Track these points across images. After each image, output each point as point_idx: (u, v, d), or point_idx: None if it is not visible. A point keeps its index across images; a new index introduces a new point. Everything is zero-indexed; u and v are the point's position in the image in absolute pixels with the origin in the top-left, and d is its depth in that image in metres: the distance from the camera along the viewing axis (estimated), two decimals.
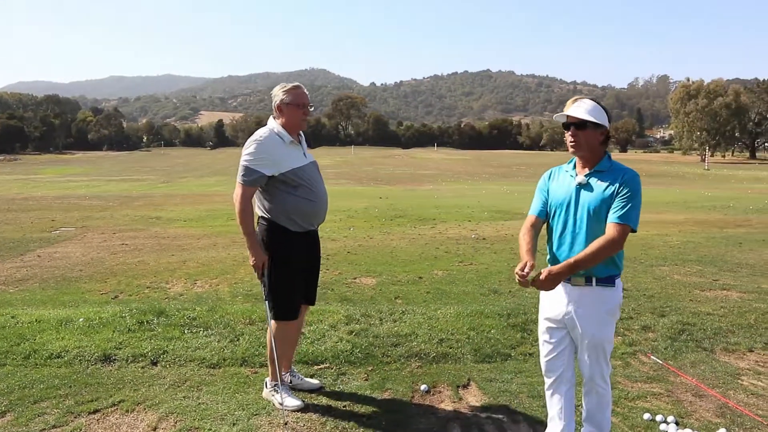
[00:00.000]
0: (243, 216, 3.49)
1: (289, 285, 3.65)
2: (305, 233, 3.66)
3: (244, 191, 3.50)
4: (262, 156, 3.49)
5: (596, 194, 2.78)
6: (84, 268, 8.18)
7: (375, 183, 38.27)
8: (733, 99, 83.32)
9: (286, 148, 3.58)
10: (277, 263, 3.59)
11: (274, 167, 3.51)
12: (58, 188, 30.38)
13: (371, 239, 10.94)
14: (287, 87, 3.64)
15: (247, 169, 3.49)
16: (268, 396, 3.74)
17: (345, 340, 4.74)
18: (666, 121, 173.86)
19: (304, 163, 3.65)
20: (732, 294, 6.50)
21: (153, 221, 14.36)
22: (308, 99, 3.68)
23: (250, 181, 3.49)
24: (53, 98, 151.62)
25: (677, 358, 4.56)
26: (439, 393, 3.93)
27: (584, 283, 2.81)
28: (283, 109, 3.61)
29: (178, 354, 4.45)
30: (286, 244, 3.58)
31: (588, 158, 2.86)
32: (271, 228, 3.59)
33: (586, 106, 2.80)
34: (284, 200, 3.55)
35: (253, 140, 3.54)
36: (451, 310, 5.56)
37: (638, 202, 2.75)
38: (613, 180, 2.77)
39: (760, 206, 18.79)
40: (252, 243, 3.51)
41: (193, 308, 5.61)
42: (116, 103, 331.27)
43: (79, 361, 4.32)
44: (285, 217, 3.57)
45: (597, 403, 2.98)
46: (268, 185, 3.56)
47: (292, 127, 3.64)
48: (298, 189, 3.57)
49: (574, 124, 2.79)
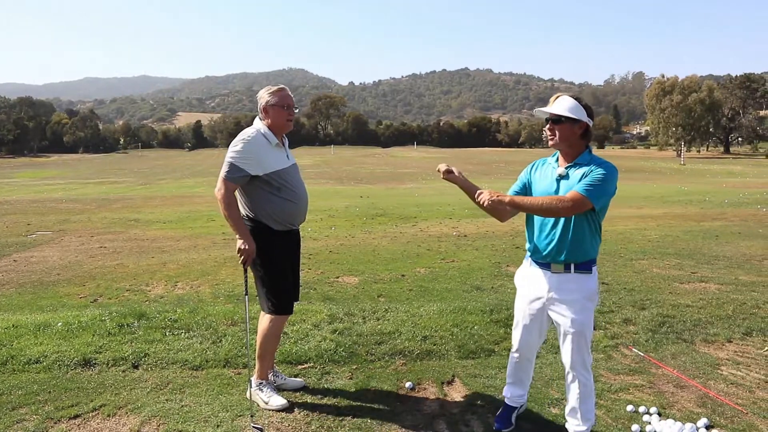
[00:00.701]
0: (229, 207, 3.51)
1: (283, 280, 3.68)
2: (288, 232, 3.71)
3: (227, 186, 3.51)
4: (248, 155, 3.51)
5: (572, 183, 2.92)
6: (62, 271, 8.06)
7: (355, 182, 38.20)
8: (707, 95, 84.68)
9: (272, 150, 3.61)
10: (267, 260, 3.62)
11: (259, 167, 3.53)
12: (33, 192, 29.89)
13: (353, 238, 10.92)
14: (272, 89, 3.67)
15: (233, 166, 3.50)
16: (253, 395, 3.72)
17: (328, 339, 4.72)
18: (642, 118, 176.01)
19: (287, 165, 3.69)
20: (710, 286, 6.60)
21: (132, 224, 14.19)
22: (293, 101, 3.71)
23: (234, 178, 3.51)
24: (27, 100, 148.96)
25: (658, 350, 4.61)
26: (424, 390, 3.92)
27: (563, 270, 2.99)
28: (268, 110, 3.63)
29: (159, 357, 4.39)
30: (272, 241, 3.62)
31: (567, 152, 3.01)
32: (256, 226, 3.61)
33: (564, 102, 2.95)
34: (267, 201, 3.59)
35: (240, 139, 3.56)
36: (434, 307, 5.56)
37: (608, 187, 2.87)
38: (589, 170, 2.93)
39: (735, 200, 19.10)
40: (242, 230, 3.53)
41: (175, 310, 5.55)
42: (92, 104, 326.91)
43: (59, 366, 4.24)
44: (268, 217, 3.61)
45: (581, 393, 3.09)
46: (251, 185, 3.58)
47: (278, 129, 3.67)
48: (281, 190, 3.61)
49: (552, 119, 2.96)
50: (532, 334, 3.22)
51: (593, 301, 3.03)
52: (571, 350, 3.02)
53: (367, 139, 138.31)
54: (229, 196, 3.52)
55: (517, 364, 3.37)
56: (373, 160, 68.60)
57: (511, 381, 3.45)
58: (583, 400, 3.09)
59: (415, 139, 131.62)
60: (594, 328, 5.04)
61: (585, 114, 2.95)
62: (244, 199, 3.64)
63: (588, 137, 3.00)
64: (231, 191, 3.54)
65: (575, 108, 2.93)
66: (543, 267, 3.06)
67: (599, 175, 2.86)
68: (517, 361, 3.36)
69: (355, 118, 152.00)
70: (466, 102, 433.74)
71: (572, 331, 2.99)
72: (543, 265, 3.07)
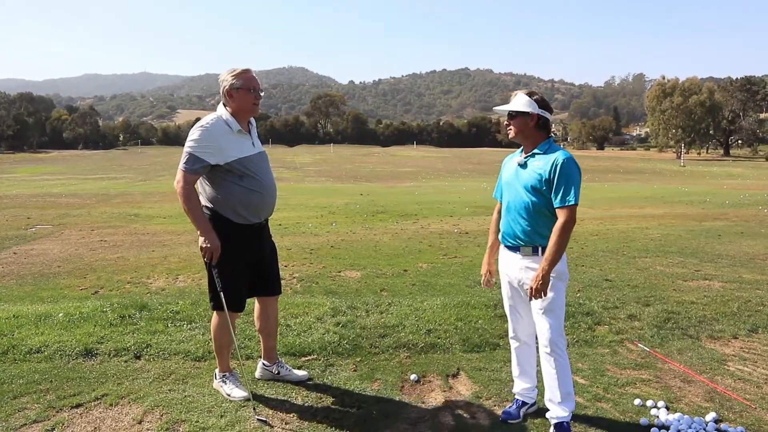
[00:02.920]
0: (189, 202, 3.32)
1: (235, 277, 3.51)
2: (249, 225, 3.51)
3: (186, 178, 3.31)
4: (207, 144, 3.32)
5: (530, 172, 3.17)
6: (62, 264, 8.02)
7: (355, 180, 38.17)
8: (707, 97, 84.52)
9: (233, 137, 3.42)
10: (221, 255, 3.42)
11: (220, 156, 3.34)
12: (33, 187, 29.81)
13: (354, 234, 10.89)
14: (236, 71, 3.43)
15: (191, 157, 3.31)
16: (217, 387, 3.70)
17: (332, 331, 4.69)
18: (642, 119, 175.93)
19: (252, 153, 3.50)
20: (714, 284, 6.57)
21: (132, 218, 14.14)
22: (259, 84, 3.51)
23: (193, 169, 3.32)
24: (26, 96, 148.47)
25: (664, 346, 4.58)
26: (429, 382, 3.89)
27: (532, 253, 3.19)
28: (233, 94, 3.43)
29: (161, 347, 4.36)
30: (227, 235, 3.43)
31: (526, 143, 3.26)
32: (214, 218, 3.43)
33: (518, 99, 3.22)
34: (230, 191, 3.41)
35: (198, 127, 3.37)
36: (438, 302, 5.53)
37: (574, 180, 3.07)
38: (547, 161, 3.12)
39: (735, 201, 19.08)
40: (205, 226, 3.34)
41: (176, 302, 5.51)
42: (92, 101, 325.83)
43: (60, 356, 4.21)
44: (230, 208, 3.43)
45: (558, 371, 3.15)
46: (213, 174, 3.40)
47: (244, 113, 3.48)
48: (243, 179, 3.42)
49: (508, 114, 3.26)
50: (522, 315, 3.38)
51: (563, 280, 3.18)
52: (546, 329, 3.14)
53: (366, 138, 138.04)
54: (189, 189, 3.32)
55: (518, 350, 3.46)
56: (372, 158, 68.52)
57: (517, 374, 3.49)
58: (561, 380, 3.15)
59: (415, 139, 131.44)
60: (599, 323, 5.05)
61: (537, 107, 3.17)
62: (206, 188, 3.46)
63: (546, 128, 3.22)
64: (191, 183, 3.34)
65: (526, 102, 3.17)
66: (513, 251, 3.27)
67: (562, 178, 3.05)
68: (517, 347, 3.46)
69: (355, 117, 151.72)
70: (466, 102, 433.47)
71: (544, 309, 3.14)
72: (513, 248, 3.27)
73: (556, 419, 3.16)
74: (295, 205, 17.35)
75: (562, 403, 3.14)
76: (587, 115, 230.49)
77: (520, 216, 3.18)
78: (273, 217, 3.88)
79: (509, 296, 3.39)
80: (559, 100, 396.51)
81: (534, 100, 3.17)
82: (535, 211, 3.13)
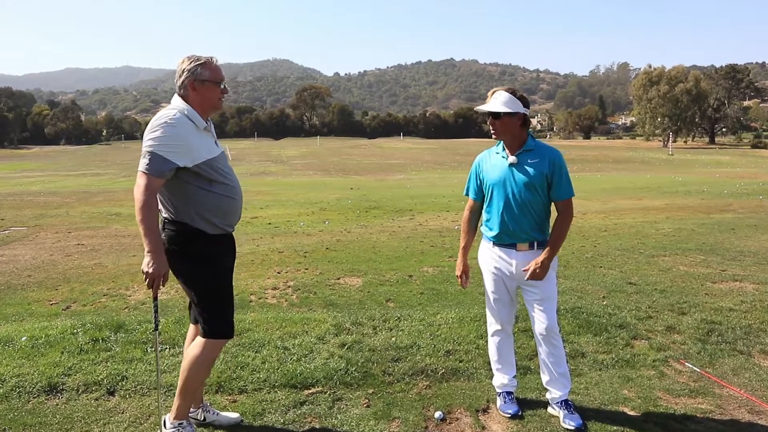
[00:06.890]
0: (147, 211, 2.69)
1: (224, 295, 2.98)
2: (223, 235, 2.97)
3: (149, 182, 2.71)
4: (173, 142, 2.74)
5: (528, 170, 3.19)
6: (33, 273, 7.34)
7: (343, 174, 37.52)
8: (693, 85, 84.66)
9: (200, 135, 2.87)
10: (205, 271, 2.89)
11: (188, 157, 2.78)
12: (10, 185, 28.86)
13: (349, 233, 10.27)
14: (201, 60, 2.89)
15: (156, 157, 2.71)
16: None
17: (337, 355, 4.08)
18: (627, 108, 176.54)
19: (217, 153, 2.94)
20: (746, 286, 6.05)
21: (112, 218, 13.42)
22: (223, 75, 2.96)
23: (159, 171, 2.72)
24: (6, 91, 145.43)
25: (714, 365, 4.03)
26: (456, 420, 3.29)
27: (528, 248, 3.25)
28: (197, 87, 2.87)
29: (139, 380, 3.73)
30: (207, 248, 2.88)
31: (512, 142, 3.25)
32: (184, 232, 2.85)
33: (500, 98, 3.16)
34: (197, 198, 2.83)
35: (161, 123, 2.77)
36: (453, 315, 4.94)
37: (567, 173, 3.23)
38: (542, 158, 3.19)
39: (733, 190, 18.73)
40: (155, 245, 2.72)
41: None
42: (73, 96, 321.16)
43: (18, 394, 3.55)
44: (200, 218, 2.84)
45: (557, 356, 3.28)
46: (175, 180, 2.81)
47: (209, 108, 2.93)
48: (213, 184, 2.87)
49: (491, 114, 3.19)
50: (508, 307, 3.42)
51: (554, 270, 3.28)
52: (545, 318, 3.23)
53: (352, 130, 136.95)
54: (152, 198, 2.71)
55: (501, 341, 3.48)
56: (359, 151, 67.73)
57: (499, 367, 3.50)
58: (560, 363, 3.29)
59: (401, 130, 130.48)
60: (635, 337, 4.50)
61: (521, 105, 3.16)
62: (167, 197, 2.86)
63: (527, 125, 3.24)
64: (155, 190, 2.74)
65: (511, 101, 3.14)
66: (509, 247, 3.28)
67: (559, 173, 3.18)
68: (500, 339, 3.48)
69: (341, 109, 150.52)
70: (451, 93, 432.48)
71: (543, 299, 3.24)
72: (509, 245, 3.28)
73: (561, 398, 3.27)
74: (284, 201, 16.70)
75: (563, 382, 3.29)
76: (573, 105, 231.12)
77: (520, 213, 3.21)
78: (263, 215, 3.27)
79: (493, 290, 3.39)
80: (545, 90, 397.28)
81: (518, 98, 3.16)
82: (534, 207, 3.21)
